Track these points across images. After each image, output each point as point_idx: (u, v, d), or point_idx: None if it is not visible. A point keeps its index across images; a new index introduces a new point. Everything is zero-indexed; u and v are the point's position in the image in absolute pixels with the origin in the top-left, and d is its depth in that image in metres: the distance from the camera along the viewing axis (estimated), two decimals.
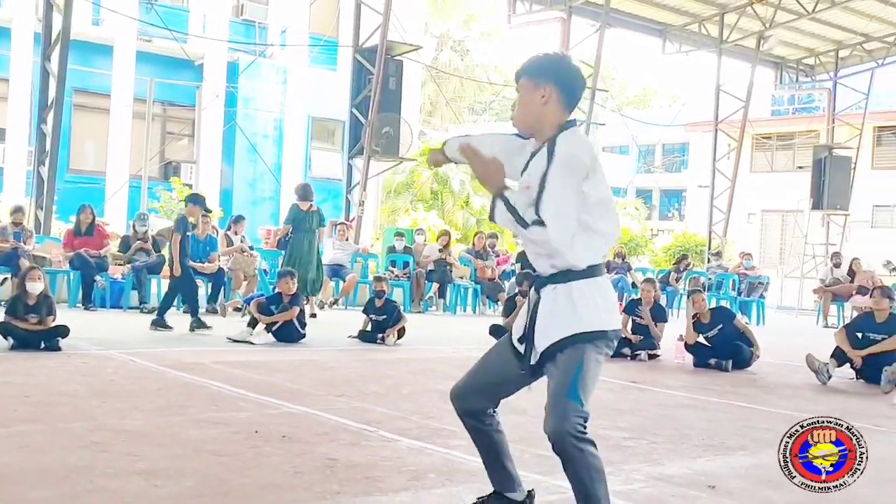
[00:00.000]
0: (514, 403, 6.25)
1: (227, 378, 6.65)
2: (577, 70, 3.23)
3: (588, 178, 3.01)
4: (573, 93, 3.17)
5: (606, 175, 3.12)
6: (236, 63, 20.99)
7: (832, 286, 16.70)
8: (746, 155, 24.53)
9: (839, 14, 20.23)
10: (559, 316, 3.11)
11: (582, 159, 3.01)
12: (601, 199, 3.05)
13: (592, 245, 3.06)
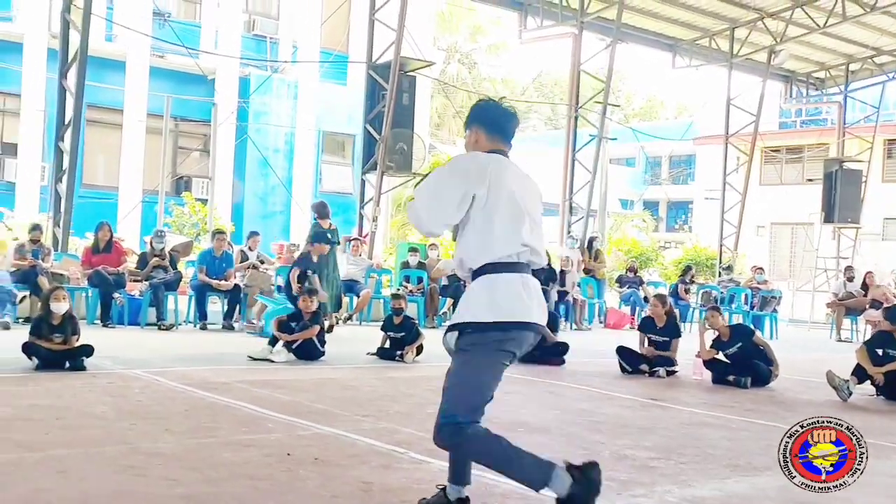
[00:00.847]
0: (538, 423, 6.31)
1: (252, 398, 6.69)
2: (496, 108, 3.83)
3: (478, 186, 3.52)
4: (497, 125, 3.77)
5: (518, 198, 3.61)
6: (248, 78, 21.11)
7: (845, 300, 16.69)
8: (756, 168, 24.53)
9: (850, 28, 20.29)
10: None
11: (467, 166, 3.61)
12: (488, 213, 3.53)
13: (481, 249, 3.56)
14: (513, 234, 3.57)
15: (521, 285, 3.59)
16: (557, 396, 7.85)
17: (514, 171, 3.73)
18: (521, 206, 3.62)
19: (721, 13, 20.04)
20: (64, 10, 13.31)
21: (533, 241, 3.63)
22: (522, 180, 3.74)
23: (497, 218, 3.54)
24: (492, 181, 3.55)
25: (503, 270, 3.57)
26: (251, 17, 21.94)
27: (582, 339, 13.69)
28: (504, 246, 3.56)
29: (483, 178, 3.54)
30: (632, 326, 16.18)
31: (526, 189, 3.71)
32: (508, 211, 3.57)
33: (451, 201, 3.54)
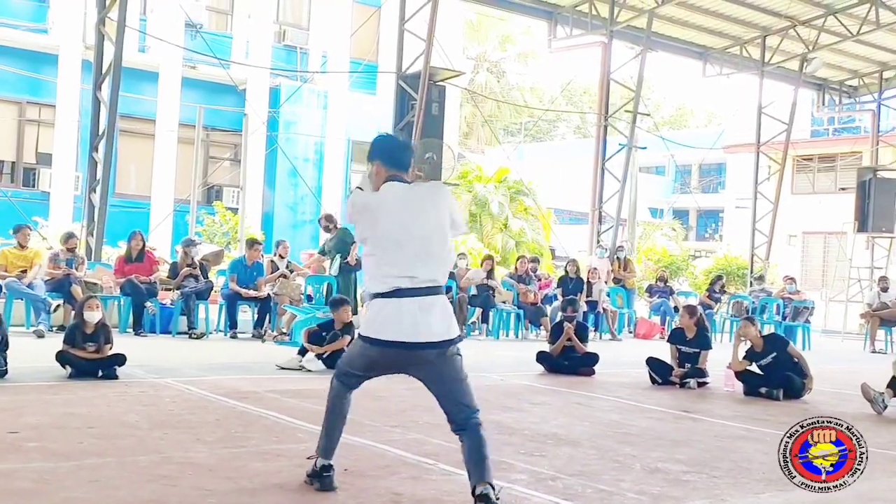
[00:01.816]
0: (567, 435, 6.28)
1: (282, 408, 6.71)
2: (387, 138, 4.48)
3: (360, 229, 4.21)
4: (388, 156, 4.28)
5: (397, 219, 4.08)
6: (278, 88, 21.26)
7: (879, 310, 16.46)
8: (787, 176, 24.31)
9: (884, 36, 20.08)
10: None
11: (349, 208, 4.28)
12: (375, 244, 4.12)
13: (370, 279, 4.16)
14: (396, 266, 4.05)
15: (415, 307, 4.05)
16: (587, 408, 7.81)
17: (405, 197, 4.14)
18: (404, 236, 4.06)
19: (752, 21, 19.90)
20: (98, 22, 13.49)
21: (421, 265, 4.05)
22: (414, 203, 4.13)
23: (377, 258, 4.10)
24: (371, 225, 4.12)
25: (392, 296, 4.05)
26: (281, 28, 22.10)
27: (612, 349, 13.62)
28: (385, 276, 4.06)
29: (362, 221, 4.17)
30: (662, 336, 16.06)
31: (414, 215, 4.09)
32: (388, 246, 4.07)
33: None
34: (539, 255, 22.10)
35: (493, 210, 25.67)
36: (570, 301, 10.85)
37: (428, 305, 4.04)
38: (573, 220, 34.98)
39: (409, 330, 4.02)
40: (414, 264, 4.03)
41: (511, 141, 44.89)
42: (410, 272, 4.02)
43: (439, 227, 4.12)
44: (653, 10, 18.31)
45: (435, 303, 4.08)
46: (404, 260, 4.03)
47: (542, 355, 10.30)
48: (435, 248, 4.10)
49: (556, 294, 15.22)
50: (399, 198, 4.12)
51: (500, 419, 6.85)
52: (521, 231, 25.94)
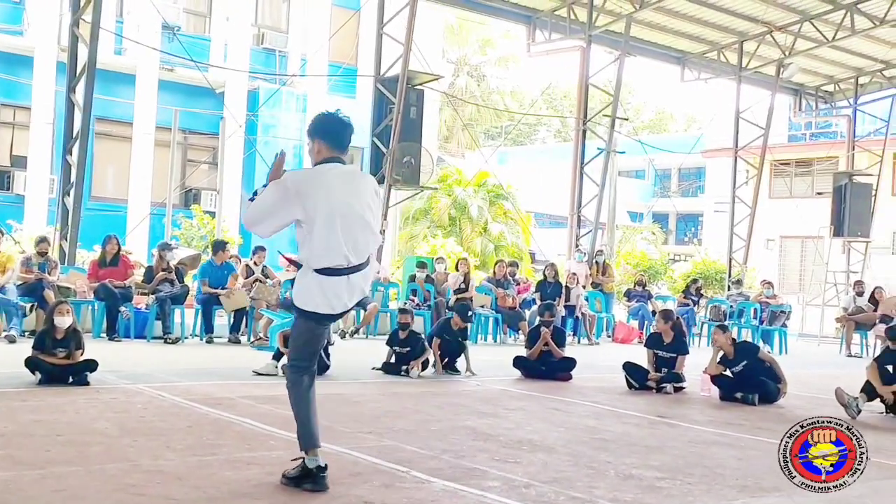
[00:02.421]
0: (542, 441, 6.25)
1: (255, 414, 6.65)
2: (331, 118, 4.47)
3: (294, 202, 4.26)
4: (334, 135, 4.43)
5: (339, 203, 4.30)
6: (257, 91, 21.16)
7: (855, 315, 16.56)
8: (765, 181, 24.45)
9: (859, 42, 20.24)
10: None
11: (286, 186, 4.28)
12: (309, 223, 4.27)
13: (309, 255, 4.32)
14: (335, 246, 4.29)
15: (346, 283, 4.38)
16: (564, 413, 7.79)
17: (342, 177, 4.37)
18: (341, 215, 4.30)
19: (730, 27, 20.01)
20: (73, 23, 13.37)
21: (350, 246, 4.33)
22: (350, 184, 4.40)
23: (321, 234, 4.27)
24: (314, 201, 4.27)
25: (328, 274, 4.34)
26: (260, 31, 22.02)
27: (590, 353, 13.62)
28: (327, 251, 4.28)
29: (305, 199, 4.27)
30: (640, 341, 16.07)
31: (352, 193, 4.37)
32: (330, 227, 4.27)
33: (275, 212, 4.34)
34: (518, 259, 22.11)
35: (473, 214, 25.69)
36: (547, 306, 10.83)
37: (363, 278, 4.44)
38: (553, 224, 35.04)
39: (346, 301, 4.43)
40: (357, 240, 4.34)
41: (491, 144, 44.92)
42: (353, 247, 4.33)
43: (371, 206, 4.46)
44: (631, 15, 18.36)
45: (366, 276, 4.47)
46: (348, 236, 4.31)
47: (519, 360, 10.27)
48: (370, 225, 4.44)
49: (535, 298, 15.20)
50: (339, 177, 4.36)
51: (476, 425, 6.82)
52: (501, 235, 25.96)
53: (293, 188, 4.30)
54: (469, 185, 26.11)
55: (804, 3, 18.70)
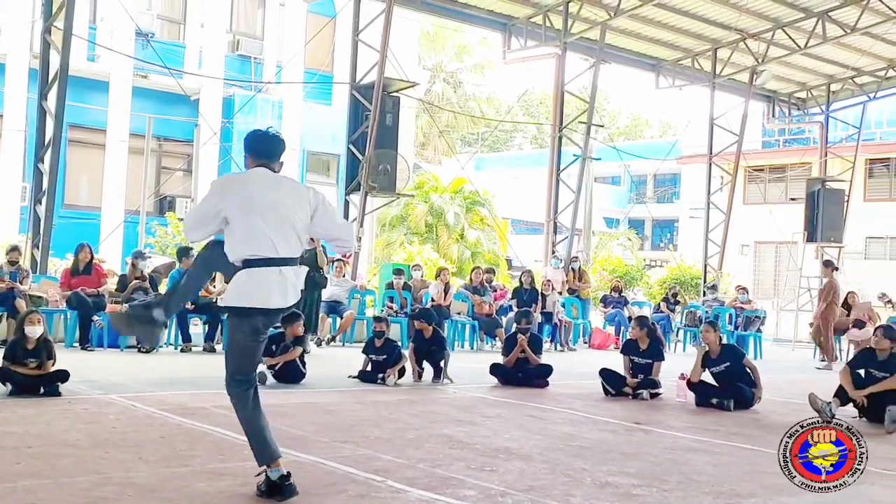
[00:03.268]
0: (519, 449, 6.24)
1: (230, 424, 6.55)
2: (258, 134, 4.65)
3: (220, 199, 4.42)
4: (256, 148, 4.60)
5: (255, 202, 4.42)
6: (232, 98, 21.06)
7: None
8: (739, 187, 24.65)
9: (831, 49, 20.46)
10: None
11: (214, 187, 4.54)
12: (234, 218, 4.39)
13: (237, 248, 4.41)
14: (258, 236, 4.39)
15: (278, 277, 4.43)
16: (540, 420, 7.78)
17: (267, 180, 4.51)
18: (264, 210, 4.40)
19: (703, 34, 20.15)
20: (44, 30, 13.23)
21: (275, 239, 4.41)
22: (275, 188, 4.51)
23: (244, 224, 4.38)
24: (236, 196, 4.43)
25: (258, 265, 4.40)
26: (235, 38, 21.92)
27: (566, 360, 13.64)
28: (248, 245, 4.38)
29: (224, 194, 4.45)
30: (616, 347, 16.12)
31: (276, 194, 4.47)
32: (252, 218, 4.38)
33: (206, 216, 4.46)
34: (495, 266, 22.13)
35: (450, 221, 25.68)
36: (523, 313, 10.83)
37: (296, 274, 4.52)
38: (530, 231, 35.09)
39: (280, 297, 4.44)
40: (280, 236, 4.43)
41: (468, 151, 44.98)
42: (277, 240, 4.41)
43: (299, 209, 4.52)
44: (605, 23, 18.44)
45: (299, 273, 4.55)
46: (272, 229, 4.40)
47: (495, 367, 10.27)
48: (295, 228, 4.51)
49: (511, 305, 15.21)
50: (262, 177, 4.51)
51: (452, 433, 6.80)
52: (478, 241, 25.98)
53: (219, 185, 4.58)
54: (445, 192, 26.11)
55: (777, 11, 18.88)
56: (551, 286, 15.99)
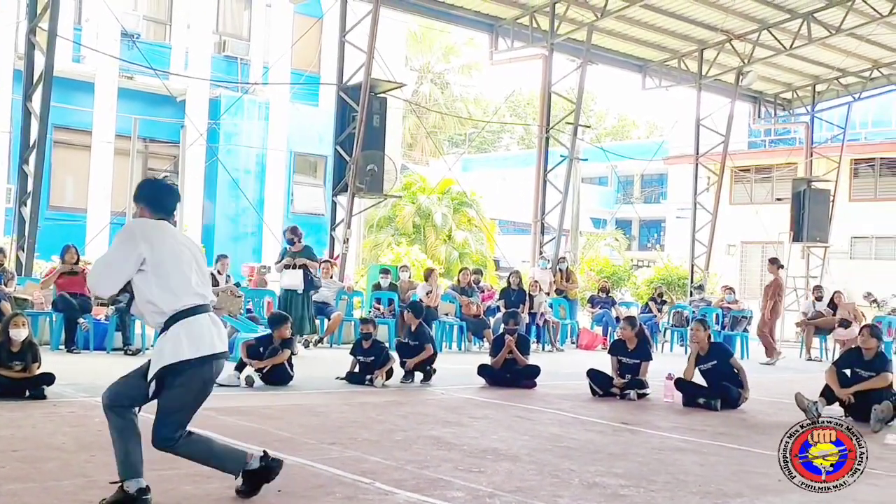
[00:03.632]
0: (507, 450, 6.24)
1: (217, 426, 6.55)
2: (154, 185, 4.56)
3: (144, 246, 4.20)
4: (155, 201, 4.42)
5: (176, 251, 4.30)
6: (218, 99, 20.98)
7: (814, 319, 16.78)
8: (726, 187, 24.75)
9: (816, 50, 20.56)
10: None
11: (132, 231, 4.32)
12: (159, 265, 4.21)
13: (166, 297, 4.22)
14: (187, 282, 4.29)
15: (211, 322, 4.36)
16: (528, 421, 7.79)
17: (173, 231, 4.46)
18: (187, 256, 4.35)
19: (689, 35, 20.22)
20: (29, 31, 13.16)
21: (200, 284, 4.37)
22: (181, 237, 4.52)
23: (162, 274, 4.24)
24: (161, 243, 4.27)
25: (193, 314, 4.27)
26: (221, 39, 21.83)
27: (554, 360, 13.66)
28: (177, 295, 4.25)
29: (151, 242, 4.25)
30: (604, 347, 16.14)
31: (185, 243, 4.46)
32: (181, 266, 4.29)
33: (126, 264, 4.22)
34: (483, 267, 22.14)
35: (437, 221, 25.68)
36: (511, 314, 10.84)
37: (215, 320, 4.43)
38: (518, 231, 35.14)
39: (217, 341, 4.36)
40: (200, 283, 4.38)
41: (455, 152, 44.99)
42: (200, 290, 4.35)
43: (200, 260, 4.47)
44: (592, 24, 18.48)
45: (216, 319, 4.47)
46: (195, 279, 4.34)
47: (483, 368, 10.27)
48: (205, 269, 4.49)
49: (499, 306, 15.22)
50: (168, 226, 4.43)
51: (440, 434, 6.80)
52: (465, 242, 25.99)
53: (139, 232, 4.31)
54: (433, 193, 26.11)
55: (762, 12, 18.96)
56: (538, 287, 16.01)
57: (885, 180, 26.87)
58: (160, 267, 4.23)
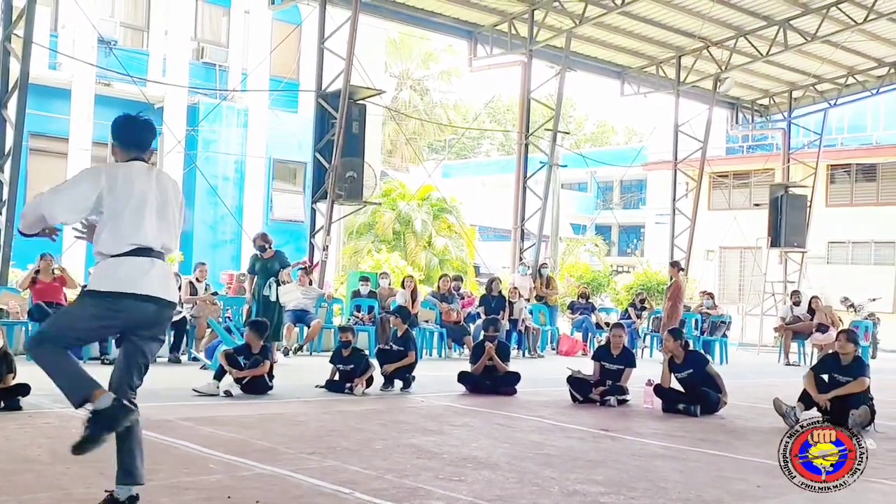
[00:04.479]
0: (487, 458, 6.23)
1: (195, 437, 6.51)
2: (127, 122, 4.36)
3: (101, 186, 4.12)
4: (125, 137, 4.33)
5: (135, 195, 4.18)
6: (197, 106, 20.89)
7: (792, 324, 16.89)
8: (704, 193, 24.89)
9: (792, 57, 20.76)
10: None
11: (98, 171, 4.24)
12: (115, 210, 4.13)
13: (110, 242, 4.14)
14: (138, 228, 4.17)
15: (149, 265, 4.20)
16: (508, 429, 7.78)
17: (143, 170, 4.26)
18: (146, 203, 4.20)
19: (667, 42, 20.35)
20: (4, 38, 13.06)
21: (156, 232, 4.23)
22: (150, 179, 4.27)
23: (125, 215, 4.14)
24: (118, 185, 4.15)
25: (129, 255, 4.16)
26: (200, 45, 21.75)
27: (535, 367, 13.67)
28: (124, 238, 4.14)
29: (111, 187, 4.14)
30: (584, 353, 16.21)
31: (154, 183, 4.27)
32: (133, 209, 4.16)
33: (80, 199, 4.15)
34: (463, 273, 22.14)
35: (417, 228, 25.67)
36: (491, 321, 10.84)
37: (156, 266, 4.23)
38: (498, 238, 35.15)
39: (141, 283, 4.14)
40: (156, 230, 4.23)
41: (435, 158, 44.99)
42: (152, 236, 4.21)
43: (174, 201, 4.36)
44: (571, 30, 18.55)
45: (162, 266, 4.29)
46: (149, 226, 4.20)
47: (463, 375, 10.26)
48: (169, 217, 4.32)
49: (479, 312, 15.22)
50: (138, 170, 4.25)
51: (420, 443, 6.77)
52: (445, 249, 25.98)
53: (98, 172, 4.24)
54: (413, 200, 26.10)
55: (739, 19, 19.12)
56: (518, 293, 16.02)
57: (860, 186, 27.12)
58: (115, 214, 4.13)
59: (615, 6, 17.58)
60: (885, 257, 25.96)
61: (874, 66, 22.00)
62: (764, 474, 6.12)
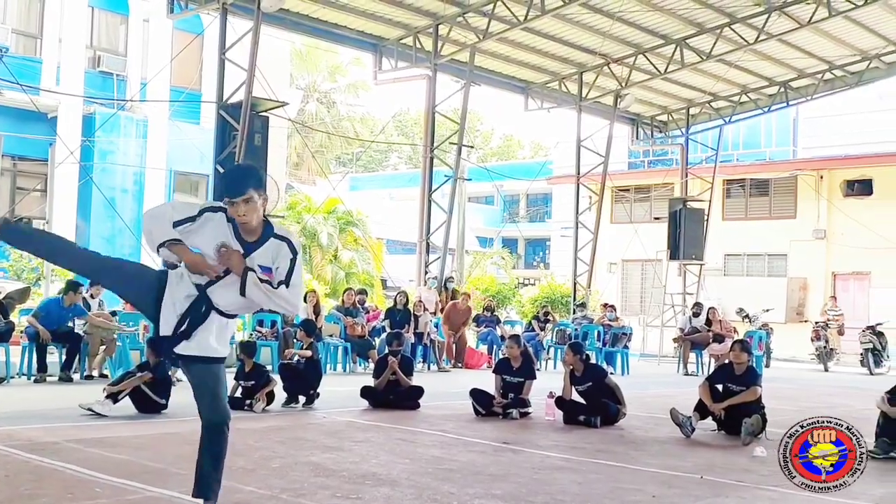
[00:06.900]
0: (386, 474, 6.15)
1: (82, 459, 6.25)
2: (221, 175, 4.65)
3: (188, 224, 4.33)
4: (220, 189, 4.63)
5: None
6: (93, 116, 20.26)
7: (691, 335, 17.33)
8: (606, 206, 25.35)
9: (689, 75, 21.39)
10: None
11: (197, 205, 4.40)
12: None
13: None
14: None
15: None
16: (410, 444, 7.72)
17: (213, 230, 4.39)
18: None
19: (569, 58, 20.71)
20: None
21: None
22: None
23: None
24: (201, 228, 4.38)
25: None
26: (96, 54, 21.12)
27: (439, 380, 13.65)
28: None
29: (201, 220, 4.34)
30: (489, 366, 16.27)
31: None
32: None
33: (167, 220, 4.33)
34: (369, 287, 22.03)
35: (323, 241, 25.45)
36: (395, 335, 10.78)
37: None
38: (405, 251, 35.13)
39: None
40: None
41: (342, 171, 44.75)
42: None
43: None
44: (475, 45, 18.70)
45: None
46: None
47: (366, 390, 10.16)
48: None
49: (385, 326, 15.14)
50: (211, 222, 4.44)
51: (319, 460, 6.65)
52: (352, 262, 25.83)
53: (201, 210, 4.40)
54: (319, 213, 25.86)
55: (638, 37, 19.60)
56: (423, 307, 16.00)
57: (754, 200, 28.04)
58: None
59: (518, 22, 17.79)
60: (777, 269, 26.89)
61: (766, 84, 22.85)
62: (660, 484, 6.22)
